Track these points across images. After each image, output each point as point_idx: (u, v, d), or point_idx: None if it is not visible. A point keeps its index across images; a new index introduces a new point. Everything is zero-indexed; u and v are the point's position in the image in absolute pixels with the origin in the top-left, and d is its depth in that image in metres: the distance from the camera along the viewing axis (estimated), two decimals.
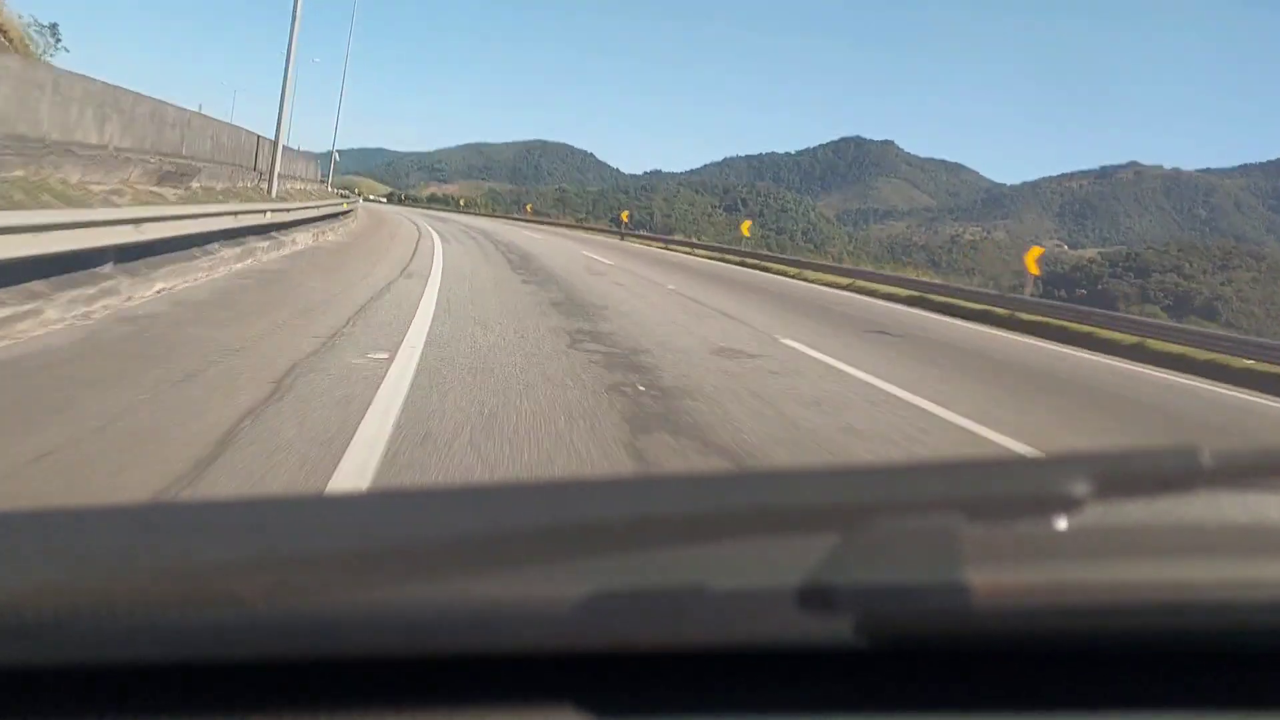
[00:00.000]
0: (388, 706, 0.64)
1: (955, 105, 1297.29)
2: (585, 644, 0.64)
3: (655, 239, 45.55)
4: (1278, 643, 0.73)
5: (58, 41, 32.46)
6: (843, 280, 23.60)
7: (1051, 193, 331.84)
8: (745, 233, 37.55)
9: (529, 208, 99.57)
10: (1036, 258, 18.05)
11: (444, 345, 6.46)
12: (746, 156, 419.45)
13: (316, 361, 5.38)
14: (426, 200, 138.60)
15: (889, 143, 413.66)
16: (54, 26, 32.01)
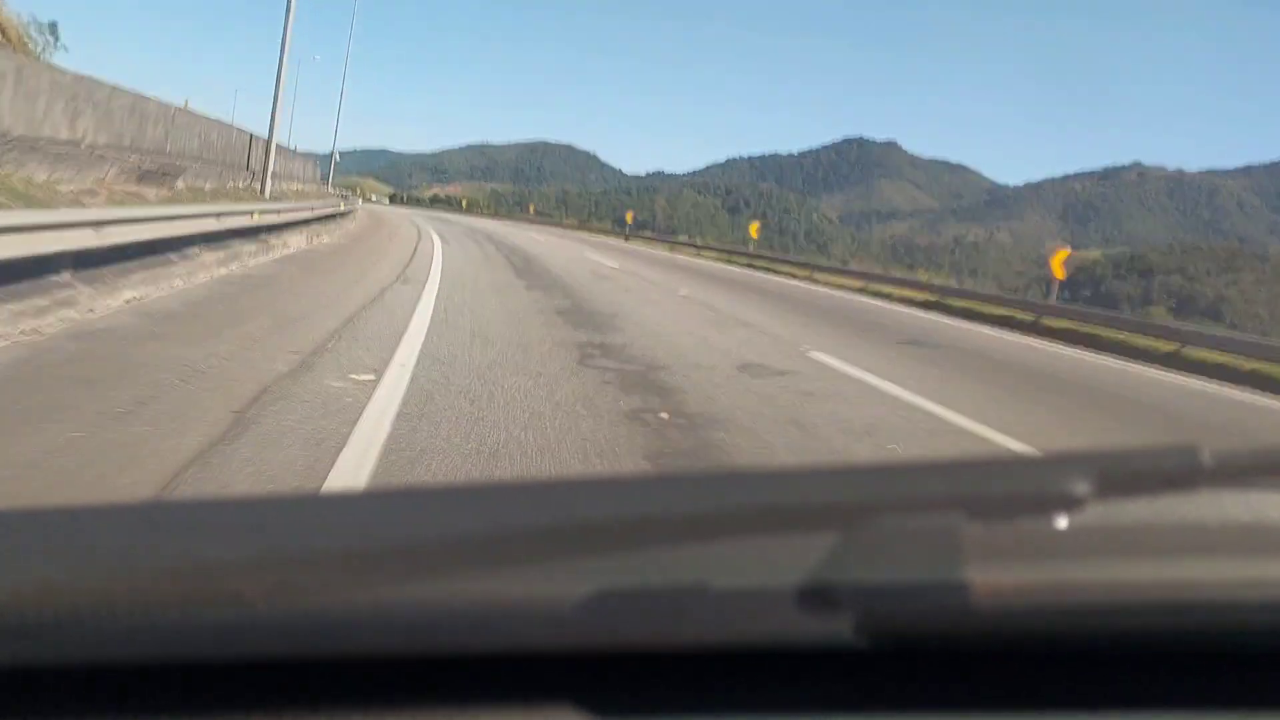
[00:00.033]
0: (388, 706, 0.63)
1: (958, 106, 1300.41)
2: (585, 644, 0.64)
3: (659, 240, 45.19)
4: (1278, 643, 0.72)
5: (57, 40, 32.08)
6: (855, 283, 23.08)
7: (1054, 194, 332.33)
8: (754, 234, 36.20)
9: (532, 208, 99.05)
10: (1063, 260, 17.23)
11: (439, 364, 5.73)
12: (749, 157, 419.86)
13: (290, 386, 4.66)
14: (429, 201, 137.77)
15: (892, 143, 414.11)
16: (53, 25, 31.66)
